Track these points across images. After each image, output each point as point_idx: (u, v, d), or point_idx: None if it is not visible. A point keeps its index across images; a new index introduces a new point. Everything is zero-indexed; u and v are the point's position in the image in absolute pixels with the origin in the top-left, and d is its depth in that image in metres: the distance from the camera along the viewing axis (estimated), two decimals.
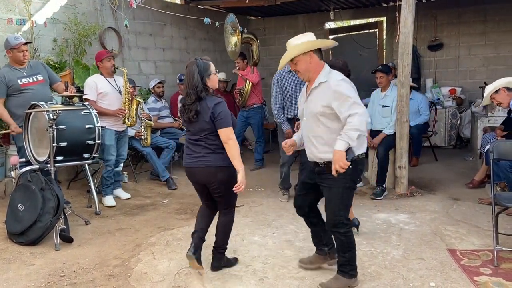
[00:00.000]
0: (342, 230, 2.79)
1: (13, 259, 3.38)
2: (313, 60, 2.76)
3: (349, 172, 2.65)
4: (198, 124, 2.90)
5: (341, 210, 2.79)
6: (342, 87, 2.67)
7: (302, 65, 2.77)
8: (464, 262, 3.20)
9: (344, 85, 2.69)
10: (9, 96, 4.19)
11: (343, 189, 2.76)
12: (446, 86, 8.02)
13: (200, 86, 2.86)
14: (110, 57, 4.75)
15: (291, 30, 9.46)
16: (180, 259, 3.34)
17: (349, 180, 2.75)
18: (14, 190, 3.88)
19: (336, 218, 2.77)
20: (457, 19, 8.10)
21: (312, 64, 2.76)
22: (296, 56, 2.74)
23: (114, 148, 4.77)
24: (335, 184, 2.74)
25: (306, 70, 2.78)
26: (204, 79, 2.88)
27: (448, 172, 5.97)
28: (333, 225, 2.79)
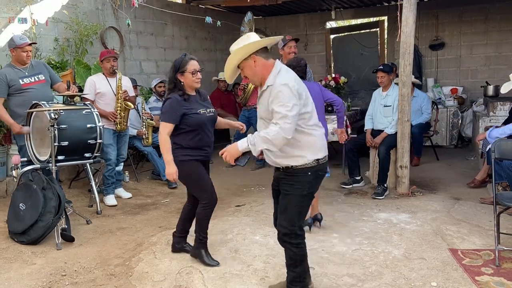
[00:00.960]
0: (295, 241, 2.58)
1: (14, 258, 3.39)
2: (258, 62, 2.50)
3: (308, 179, 2.51)
4: None
5: (296, 219, 2.57)
6: (282, 93, 2.39)
7: (247, 71, 2.54)
8: (466, 261, 3.20)
9: (285, 92, 2.39)
10: (10, 95, 4.19)
11: (300, 196, 2.55)
12: (448, 86, 8.01)
13: (172, 80, 3.08)
14: (109, 58, 4.73)
15: (292, 30, 9.46)
16: (181, 258, 3.34)
17: (307, 187, 2.55)
18: (16, 190, 3.89)
19: (291, 228, 2.56)
20: (458, 18, 8.09)
21: (258, 67, 2.50)
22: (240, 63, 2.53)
23: (113, 147, 4.78)
24: (292, 191, 2.55)
25: (253, 75, 2.55)
26: (176, 74, 3.08)
27: (449, 171, 5.96)
28: (286, 234, 2.58)
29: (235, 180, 5.73)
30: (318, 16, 9.20)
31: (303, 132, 2.49)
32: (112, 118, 4.68)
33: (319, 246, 3.55)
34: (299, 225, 2.60)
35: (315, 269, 3.13)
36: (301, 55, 9.42)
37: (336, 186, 5.35)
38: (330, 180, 5.67)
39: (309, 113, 2.52)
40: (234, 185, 4.76)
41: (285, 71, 2.53)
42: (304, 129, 2.50)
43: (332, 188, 5.29)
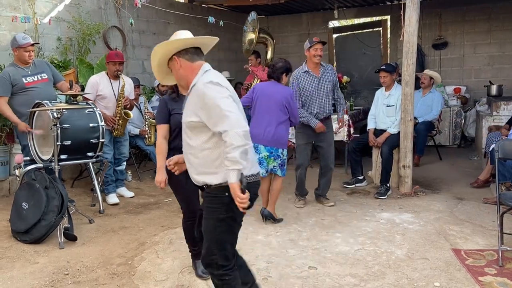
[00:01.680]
0: (216, 272, 2.23)
1: (17, 257, 3.39)
2: (182, 65, 2.21)
3: (225, 201, 2.10)
4: None
5: (215, 247, 2.20)
6: (210, 90, 2.06)
7: (174, 74, 2.27)
8: (469, 262, 3.18)
9: (212, 89, 2.07)
10: (13, 94, 4.20)
11: (217, 221, 2.17)
12: (451, 85, 7.99)
13: None
14: (115, 62, 4.68)
15: (295, 29, 9.47)
16: (184, 258, 3.34)
17: (223, 210, 2.14)
18: (19, 189, 3.89)
19: (210, 258, 2.21)
20: (461, 17, 8.06)
21: (182, 70, 2.22)
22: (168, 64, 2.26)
23: (109, 147, 4.74)
24: (208, 214, 2.20)
25: (178, 79, 2.27)
26: None
27: (452, 171, 5.94)
28: (206, 264, 2.26)
29: None
30: (321, 15, 9.18)
31: (218, 146, 2.11)
32: (111, 124, 4.66)
33: (322, 246, 3.54)
34: (222, 255, 2.20)
35: (318, 268, 3.13)
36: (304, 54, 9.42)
37: (338, 186, 5.34)
38: (333, 180, 5.65)
39: None
40: None
41: (214, 72, 2.22)
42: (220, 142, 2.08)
43: (335, 188, 5.28)
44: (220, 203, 2.15)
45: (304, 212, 4.39)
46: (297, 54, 9.45)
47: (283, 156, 4.00)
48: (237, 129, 1.98)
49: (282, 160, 3.99)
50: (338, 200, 4.82)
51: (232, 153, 1.96)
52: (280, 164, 4.00)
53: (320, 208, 4.52)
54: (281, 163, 4.00)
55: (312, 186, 4.83)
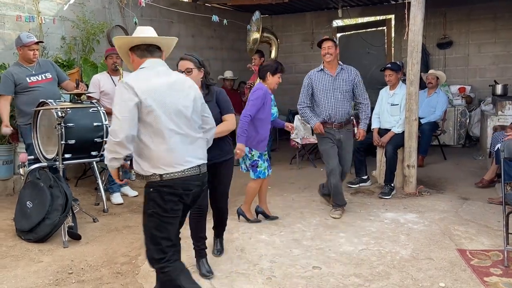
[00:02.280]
0: (154, 266, 2.32)
1: (21, 256, 3.40)
2: (134, 59, 2.39)
3: (151, 196, 2.25)
4: None
5: (149, 242, 2.29)
6: (118, 89, 2.23)
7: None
8: (474, 262, 3.16)
9: (119, 89, 2.21)
10: (17, 93, 4.21)
11: (146, 215, 2.29)
12: (455, 85, 7.95)
13: None
14: (112, 54, 4.75)
15: (299, 28, 9.44)
16: (187, 257, 3.33)
17: (150, 205, 2.25)
18: (23, 187, 3.90)
19: (147, 252, 2.31)
20: (466, 16, 8.02)
21: (133, 63, 2.40)
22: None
23: None
24: (142, 208, 2.34)
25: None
26: None
27: (457, 171, 5.91)
28: (147, 259, 2.34)
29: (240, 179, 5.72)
30: (325, 14, 9.16)
31: (140, 140, 2.24)
32: None
33: (326, 245, 3.53)
34: (157, 249, 2.27)
35: (322, 268, 3.12)
36: (308, 53, 9.42)
37: (343, 186, 5.32)
38: None
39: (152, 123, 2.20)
40: (239, 185, 4.75)
41: (142, 71, 2.30)
42: (142, 138, 2.22)
43: None
44: (147, 197, 2.29)
45: (308, 211, 4.38)
46: (301, 53, 9.44)
47: (252, 156, 3.89)
48: (111, 135, 2.18)
49: (252, 161, 3.91)
50: None
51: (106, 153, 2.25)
52: (250, 164, 3.93)
53: (324, 208, 4.51)
54: (251, 164, 3.92)
55: (313, 185, 4.82)
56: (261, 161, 3.92)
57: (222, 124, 3.09)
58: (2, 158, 4.69)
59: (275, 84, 3.93)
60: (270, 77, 3.89)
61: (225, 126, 3.12)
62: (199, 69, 3.06)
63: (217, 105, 3.10)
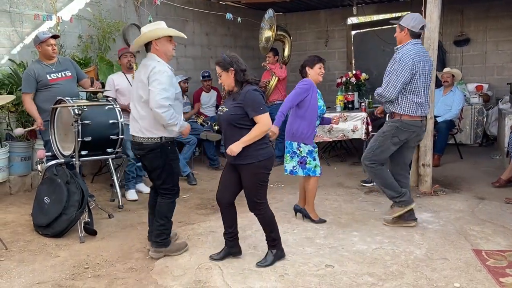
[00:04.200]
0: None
1: (39, 250, 3.47)
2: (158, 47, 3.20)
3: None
4: None
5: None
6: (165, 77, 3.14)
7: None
8: (490, 262, 3.12)
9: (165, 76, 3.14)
10: (37, 90, 4.28)
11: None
12: (473, 83, 7.84)
13: None
14: (126, 53, 4.85)
15: (313, 26, 9.41)
16: (201, 253, 3.37)
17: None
18: (41, 183, 3.98)
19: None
20: (484, 13, 7.88)
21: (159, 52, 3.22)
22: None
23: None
24: None
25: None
26: None
27: (473, 170, 5.83)
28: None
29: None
30: (339, 12, 9.10)
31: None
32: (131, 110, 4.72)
33: (339, 244, 3.52)
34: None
35: (335, 267, 3.11)
36: (322, 51, 9.37)
37: (356, 184, 5.30)
38: (350, 178, 5.62)
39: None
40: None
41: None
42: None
43: (352, 186, 5.24)
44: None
45: (321, 210, 4.36)
46: (315, 51, 9.38)
47: (301, 153, 3.91)
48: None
49: (300, 157, 3.91)
50: (356, 198, 4.79)
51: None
52: (299, 161, 3.91)
53: (338, 206, 4.49)
54: (299, 160, 3.91)
55: (327, 184, 4.78)
56: (310, 158, 3.90)
57: (252, 129, 2.97)
58: (21, 155, 4.79)
59: (318, 76, 3.91)
60: (310, 71, 3.90)
61: (256, 130, 2.96)
62: (227, 71, 3.01)
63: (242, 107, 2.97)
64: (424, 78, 3.66)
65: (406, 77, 3.58)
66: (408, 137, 3.75)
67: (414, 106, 3.67)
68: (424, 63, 3.65)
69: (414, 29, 3.65)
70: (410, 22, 3.65)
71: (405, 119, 3.70)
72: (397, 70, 3.58)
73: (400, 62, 3.58)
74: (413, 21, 3.65)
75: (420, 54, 3.64)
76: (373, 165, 3.80)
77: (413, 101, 3.66)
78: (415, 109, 3.68)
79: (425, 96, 3.72)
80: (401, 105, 3.70)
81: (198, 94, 6.84)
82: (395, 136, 3.73)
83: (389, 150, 3.78)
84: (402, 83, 3.59)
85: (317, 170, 3.93)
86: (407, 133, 3.72)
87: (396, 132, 3.72)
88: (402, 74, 3.58)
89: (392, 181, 3.81)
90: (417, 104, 3.67)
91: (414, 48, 3.63)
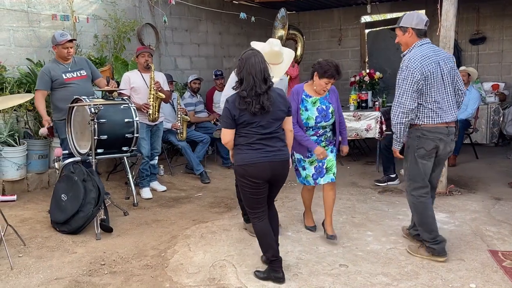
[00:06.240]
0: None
1: (56, 247, 3.53)
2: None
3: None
4: (272, 115, 2.78)
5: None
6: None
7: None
8: (507, 263, 3.08)
9: None
10: (53, 90, 4.35)
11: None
12: (489, 82, 7.72)
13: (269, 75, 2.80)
14: (144, 53, 4.89)
15: (326, 24, 9.37)
16: (215, 251, 3.39)
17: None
18: (58, 181, 4.04)
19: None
20: (501, 11, 7.76)
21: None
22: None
23: (146, 141, 4.87)
24: None
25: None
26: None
27: (489, 170, 5.75)
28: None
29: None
30: (353, 10, 9.05)
31: None
32: (145, 109, 4.78)
33: (353, 244, 3.51)
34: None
35: (349, 266, 3.11)
36: (335, 50, 9.34)
37: (370, 184, 5.27)
38: (364, 177, 5.60)
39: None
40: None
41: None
42: None
43: (366, 186, 5.22)
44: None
45: (334, 209, 4.34)
46: (328, 50, 9.37)
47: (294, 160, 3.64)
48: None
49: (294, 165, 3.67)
50: (369, 198, 4.76)
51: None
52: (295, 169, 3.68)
53: (351, 206, 4.48)
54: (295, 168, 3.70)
55: (339, 183, 4.76)
56: (300, 167, 3.64)
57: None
58: (38, 153, 4.87)
59: (320, 89, 3.43)
60: (316, 79, 3.41)
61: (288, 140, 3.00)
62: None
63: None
64: (439, 80, 3.14)
65: (418, 81, 3.06)
66: (436, 147, 3.17)
67: (433, 114, 3.15)
68: (437, 64, 3.12)
69: (419, 27, 3.15)
70: (413, 21, 3.16)
71: (425, 127, 3.16)
72: (407, 77, 3.07)
73: (408, 69, 3.08)
74: (416, 18, 3.17)
75: (431, 54, 3.12)
76: (413, 192, 3.25)
77: (430, 108, 3.14)
78: (434, 117, 3.14)
79: (446, 100, 3.18)
80: (419, 114, 3.17)
81: (211, 93, 6.87)
82: (419, 147, 3.16)
83: (418, 167, 3.19)
84: (414, 89, 3.07)
85: (309, 181, 3.61)
86: (432, 142, 3.15)
87: (419, 142, 3.17)
88: (410, 81, 3.07)
89: (430, 221, 3.23)
90: (434, 111, 3.14)
91: (421, 50, 3.13)
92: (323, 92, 3.46)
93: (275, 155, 2.82)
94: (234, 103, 2.76)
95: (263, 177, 2.81)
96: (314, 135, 3.54)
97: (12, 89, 4.67)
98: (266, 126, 2.78)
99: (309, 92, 3.49)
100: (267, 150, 2.80)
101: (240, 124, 2.79)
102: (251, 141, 2.78)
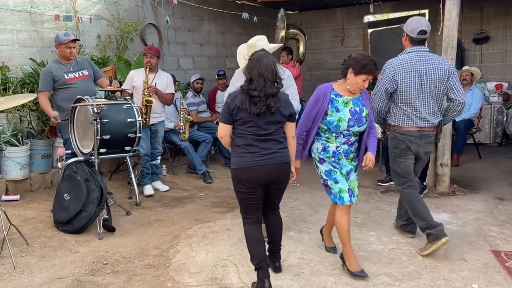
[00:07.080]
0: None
1: (59, 246, 3.54)
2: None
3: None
4: (272, 117, 2.69)
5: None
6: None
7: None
8: (509, 264, 3.07)
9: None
10: (55, 90, 4.37)
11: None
12: (492, 81, 7.69)
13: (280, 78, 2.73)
14: (147, 54, 4.92)
15: (329, 24, 9.35)
16: (217, 251, 3.40)
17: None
18: (61, 180, 4.05)
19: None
20: (505, 10, 7.72)
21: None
22: None
23: (144, 140, 4.85)
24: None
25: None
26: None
27: (492, 170, 5.73)
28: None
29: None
30: (356, 10, 9.02)
31: None
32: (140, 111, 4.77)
33: (355, 244, 3.50)
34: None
35: None
36: (338, 50, 9.32)
37: (372, 184, 5.26)
38: (366, 177, 5.58)
39: None
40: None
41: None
42: None
43: (368, 186, 5.21)
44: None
45: None
46: (331, 49, 9.35)
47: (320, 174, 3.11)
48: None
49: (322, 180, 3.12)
50: (372, 198, 4.76)
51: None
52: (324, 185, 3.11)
53: (353, 206, 4.45)
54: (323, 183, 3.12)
55: None
56: (330, 180, 3.00)
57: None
58: (41, 152, 4.89)
59: (356, 87, 2.93)
60: (351, 77, 2.91)
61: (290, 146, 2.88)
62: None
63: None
64: (417, 88, 3.25)
65: (387, 87, 3.28)
66: (407, 147, 3.35)
67: (405, 117, 3.33)
68: (417, 73, 3.23)
69: (411, 34, 3.27)
70: (409, 26, 3.28)
71: (397, 129, 3.39)
72: (380, 80, 3.34)
73: (383, 73, 3.32)
74: (412, 25, 3.26)
75: (411, 63, 3.25)
76: (399, 187, 3.47)
77: (404, 111, 3.33)
78: (405, 120, 3.34)
79: (425, 107, 3.30)
80: (392, 115, 3.40)
81: (213, 93, 6.88)
82: (395, 147, 3.41)
83: (398, 165, 3.42)
84: (384, 92, 3.31)
85: (344, 198, 2.97)
86: (404, 143, 3.35)
87: (393, 143, 3.43)
88: (383, 83, 3.31)
89: (420, 209, 3.30)
90: (407, 114, 3.32)
91: (403, 58, 3.30)
92: (358, 92, 2.98)
93: (271, 158, 2.70)
94: (235, 99, 2.71)
95: (257, 182, 2.71)
96: (345, 143, 2.99)
97: (16, 89, 4.70)
98: (263, 128, 2.69)
99: (340, 92, 2.99)
100: (262, 153, 2.69)
101: (237, 121, 2.72)
102: (247, 142, 2.70)
